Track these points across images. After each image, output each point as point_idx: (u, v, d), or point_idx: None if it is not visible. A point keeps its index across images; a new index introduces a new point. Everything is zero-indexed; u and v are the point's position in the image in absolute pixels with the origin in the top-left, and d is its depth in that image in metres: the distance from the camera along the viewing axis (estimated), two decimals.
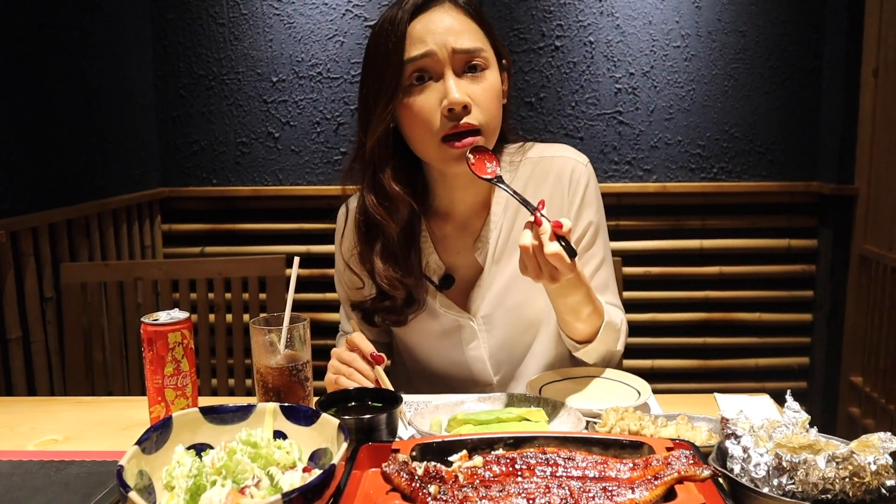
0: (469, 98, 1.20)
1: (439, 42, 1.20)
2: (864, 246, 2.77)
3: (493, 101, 1.24)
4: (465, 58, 1.21)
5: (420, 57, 1.20)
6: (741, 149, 2.94)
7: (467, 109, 1.20)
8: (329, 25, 2.93)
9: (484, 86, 1.23)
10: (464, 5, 1.25)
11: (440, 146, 1.22)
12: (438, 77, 1.21)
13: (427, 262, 1.38)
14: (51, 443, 1.17)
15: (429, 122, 1.22)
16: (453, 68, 1.21)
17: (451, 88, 1.19)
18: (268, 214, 3.08)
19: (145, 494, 0.82)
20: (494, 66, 1.26)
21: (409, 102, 1.22)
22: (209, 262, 1.94)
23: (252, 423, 0.96)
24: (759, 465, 0.84)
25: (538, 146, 1.41)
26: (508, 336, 1.39)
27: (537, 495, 0.79)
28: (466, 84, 1.21)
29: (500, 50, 1.30)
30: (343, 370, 1.24)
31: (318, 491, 0.77)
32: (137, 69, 2.90)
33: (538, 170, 1.38)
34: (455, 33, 1.21)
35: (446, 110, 1.19)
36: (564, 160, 1.38)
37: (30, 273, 2.21)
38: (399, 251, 1.33)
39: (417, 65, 1.21)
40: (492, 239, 1.36)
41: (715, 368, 3.05)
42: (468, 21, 1.24)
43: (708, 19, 2.86)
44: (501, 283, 1.37)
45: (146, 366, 1.11)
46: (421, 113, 1.22)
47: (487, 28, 1.28)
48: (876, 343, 2.68)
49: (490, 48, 1.26)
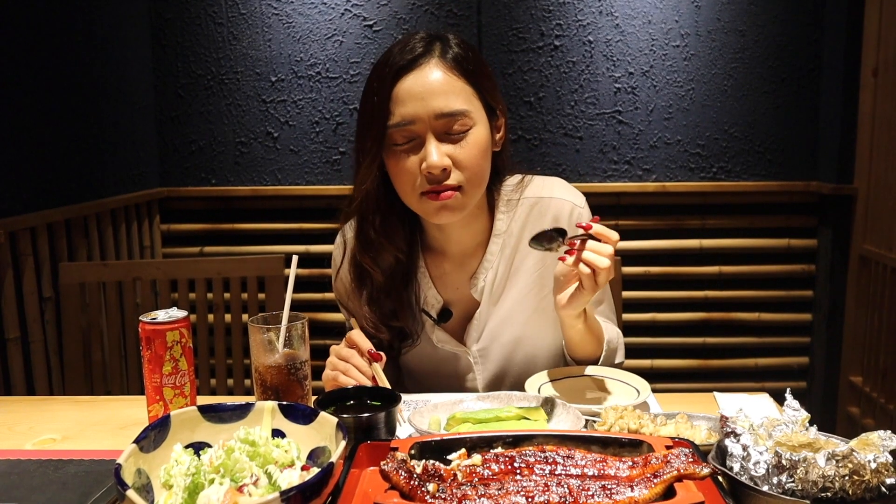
0: (449, 161, 1.22)
1: (422, 107, 1.21)
2: (863, 246, 2.77)
3: (477, 159, 1.25)
4: (447, 121, 1.22)
5: (402, 124, 1.22)
6: (741, 148, 2.94)
7: (446, 172, 1.23)
8: (328, 25, 2.93)
9: (467, 147, 1.23)
10: (451, 62, 1.24)
11: (420, 200, 1.26)
12: (422, 138, 1.23)
13: (425, 297, 1.41)
14: (49, 442, 1.17)
15: (410, 181, 1.25)
16: (435, 132, 1.22)
17: (430, 153, 1.21)
18: (266, 214, 3.08)
19: (143, 493, 0.82)
20: (482, 122, 1.26)
21: (393, 161, 1.25)
22: (208, 262, 1.93)
23: (250, 421, 0.95)
24: (759, 464, 0.84)
25: (535, 183, 1.41)
26: (503, 369, 1.42)
27: (536, 493, 0.79)
28: (448, 147, 1.23)
29: (492, 102, 1.30)
30: (339, 366, 1.24)
31: (316, 489, 0.77)
32: (136, 69, 2.90)
33: (535, 210, 1.39)
34: (440, 96, 1.21)
35: (426, 172, 1.22)
36: (562, 203, 1.39)
37: (28, 273, 2.21)
38: (385, 295, 1.37)
39: (401, 130, 1.23)
40: (488, 277, 1.39)
41: (714, 368, 3.05)
42: (454, 80, 1.23)
43: (707, 19, 2.86)
44: (497, 318, 1.40)
45: (144, 365, 1.11)
46: (402, 172, 1.25)
47: (478, 81, 1.26)
48: (875, 343, 2.68)
49: (479, 103, 1.26)
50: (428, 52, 1.23)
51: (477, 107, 1.25)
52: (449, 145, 1.23)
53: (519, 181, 1.41)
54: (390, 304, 1.38)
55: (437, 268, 1.42)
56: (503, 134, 1.34)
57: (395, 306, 1.38)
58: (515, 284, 1.39)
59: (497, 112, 1.31)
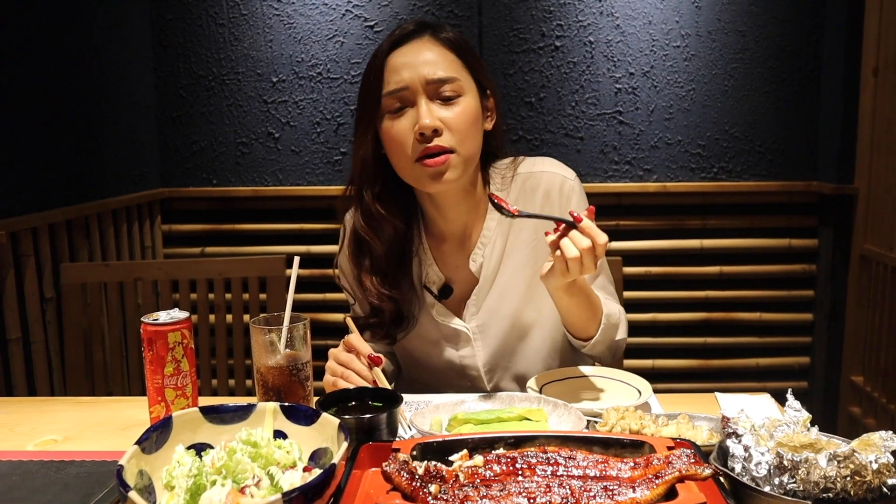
0: (440, 122, 1.27)
1: (413, 73, 1.28)
2: (864, 245, 2.77)
3: (467, 126, 1.29)
4: (437, 86, 1.28)
5: (396, 90, 1.28)
6: (741, 148, 2.93)
7: (438, 132, 1.27)
8: (329, 26, 2.93)
9: (457, 111, 1.28)
10: (443, 38, 1.32)
11: (414, 166, 1.29)
12: (413, 105, 1.28)
13: (427, 274, 1.44)
14: (50, 443, 1.17)
15: (403, 146, 1.29)
16: (427, 96, 1.28)
17: (422, 114, 1.26)
18: (268, 215, 3.08)
19: (145, 494, 0.82)
20: (472, 93, 1.32)
21: (387, 128, 1.30)
22: (209, 263, 1.94)
23: (252, 422, 0.95)
24: (761, 464, 0.84)
25: (527, 161, 1.46)
26: (502, 344, 1.43)
27: (538, 494, 0.79)
28: (439, 109, 1.28)
29: (484, 81, 1.36)
30: (339, 371, 1.24)
31: (318, 490, 0.77)
32: (137, 70, 2.90)
33: (528, 185, 1.42)
34: (430, 64, 1.28)
35: (418, 134, 1.26)
36: (552, 175, 1.42)
37: (30, 273, 2.21)
38: (387, 267, 1.41)
39: (394, 96, 1.29)
40: (486, 253, 1.41)
41: (715, 368, 3.04)
42: (445, 52, 1.31)
43: (708, 19, 2.86)
44: (495, 293, 1.42)
45: (146, 366, 1.11)
46: (396, 137, 1.29)
47: (468, 60, 1.34)
48: (876, 343, 2.68)
49: (469, 77, 1.32)
50: (420, 31, 1.33)
51: (466, 78, 1.31)
52: (440, 108, 1.28)
53: (512, 160, 1.45)
54: (391, 276, 1.41)
55: (437, 248, 1.45)
56: (495, 115, 1.39)
57: (396, 277, 1.41)
58: (511, 259, 1.42)
59: (487, 92, 1.37)
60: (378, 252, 1.39)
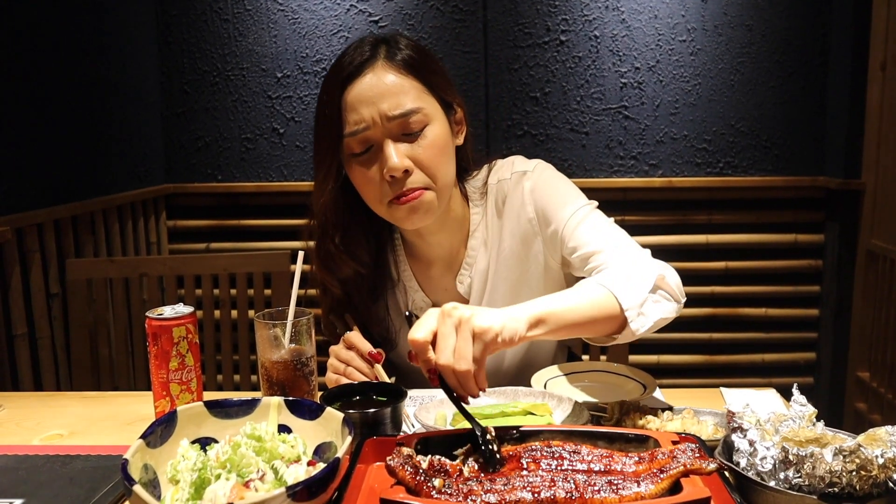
0: (410, 162, 1.19)
1: (373, 112, 1.18)
2: (871, 241, 2.76)
3: (439, 157, 1.22)
4: (401, 122, 1.19)
5: (357, 132, 1.19)
6: (747, 143, 2.92)
7: (409, 173, 1.20)
8: (333, 21, 2.93)
9: (425, 145, 1.20)
10: (399, 62, 1.21)
11: (389, 208, 1.23)
12: (379, 144, 1.20)
13: (413, 301, 1.40)
14: (56, 437, 1.18)
15: (375, 190, 1.22)
16: (391, 134, 1.19)
17: (389, 156, 1.18)
18: (272, 210, 3.08)
19: (150, 488, 0.82)
20: (438, 118, 1.23)
21: (355, 171, 1.23)
22: (214, 258, 1.94)
23: (256, 417, 0.95)
24: (766, 459, 0.83)
25: (497, 167, 1.37)
26: (497, 363, 1.41)
27: (542, 489, 0.78)
28: (407, 147, 1.20)
29: (447, 97, 1.26)
30: (340, 368, 1.24)
31: (322, 484, 0.77)
32: (142, 66, 2.91)
33: (499, 196, 1.35)
34: (389, 97, 1.18)
35: (388, 177, 1.19)
36: (510, 180, 1.34)
37: (35, 269, 2.22)
38: (346, 308, 1.36)
39: (356, 138, 1.20)
40: (473, 272, 1.37)
41: (721, 364, 3.04)
42: (404, 79, 1.20)
43: (714, 13, 2.84)
44: None
45: (151, 360, 1.11)
46: (366, 183, 1.22)
47: (429, 78, 1.23)
48: (883, 338, 2.67)
49: (433, 100, 1.23)
50: (374, 56, 1.20)
51: (431, 103, 1.22)
52: (407, 146, 1.20)
53: (486, 171, 1.38)
54: (356, 317, 1.36)
55: (423, 273, 1.41)
56: (464, 127, 1.32)
57: (363, 318, 1.37)
58: (498, 274, 1.36)
59: (454, 106, 1.28)
60: (337, 295, 1.35)
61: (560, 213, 1.30)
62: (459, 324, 0.89)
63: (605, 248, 1.24)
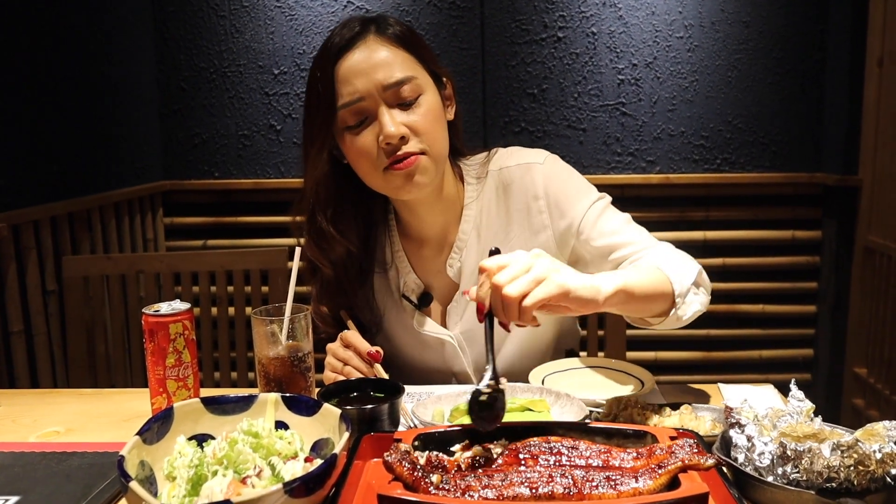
0: (406, 129, 1.20)
1: (367, 82, 1.19)
2: (868, 237, 2.76)
3: (433, 125, 1.23)
4: (396, 90, 1.20)
5: (352, 102, 1.20)
6: (745, 140, 2.92)
7: (405, 140, 1.20)
8: (331, 17, 2.92)
9: (420, 112, 1.22)
10: (390, 35, 1.22)
11: (384, 175, 1.23)
12: (374, 114, 1.21)
13: (405, 282, 1.39)
14: (53, 434, 1.17)
15: (369, 158, 1.22)
16: (386, 103, 1.20)
17: (385, 123, 1.19)
18: (269, 207, 3.07)
19: (146, 485, 0.82)
20: (431, 89, 1.25)
21: (350, 143, 1.23)
22: (211, 255, 1.94)
23: (253, 413, 0.95)
24: (764, 454, 0.83)
25: (499, 155, 1.38)
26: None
27: (540, 484, 0.78)
28: (402, 115, 1.21)
29: (438, 71, 1.28)
30: (337, 367, 1.24)
31: (319, 480, 0.77)
32: (139, 62, 2.90)
33: (501, 184, 1.36)
34: (383, 68, 1.20)
35: (384, 144, 1.20)
36: (517, 169, 1.34)
37: (32, 266, 2.21)
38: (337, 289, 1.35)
39: (351, 109, 1.21)
40: (465, 256, 1.36)
41: (719, 360, 3.04)
42: (395, 50, 1.21)
43: (711, 9, 2.84)
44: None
45: (148, 357, 1.11)
46: (361, 151, 1.22)
47: (419, 51, 1.25)
48: (880, 334, 2.67)
49: (424, 72, 1.25)
50: (364, 31, 1.22)
51: (422, 74, 1.24)
52: (402, 113, 1.21)
53: (486, 156, 1.39)
54: (344, 300, 1.36)
55: (415, 254, 1.40)
56: (454, 104, 1.33)
57: (351, 301, 1.37)
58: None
59: (443, 81, 1.30)
60: (327, 275, 1.34)
61: (577, 205, 1.32)
62: (536, 265, 0.90)
63: (634, 241, 1.28)
